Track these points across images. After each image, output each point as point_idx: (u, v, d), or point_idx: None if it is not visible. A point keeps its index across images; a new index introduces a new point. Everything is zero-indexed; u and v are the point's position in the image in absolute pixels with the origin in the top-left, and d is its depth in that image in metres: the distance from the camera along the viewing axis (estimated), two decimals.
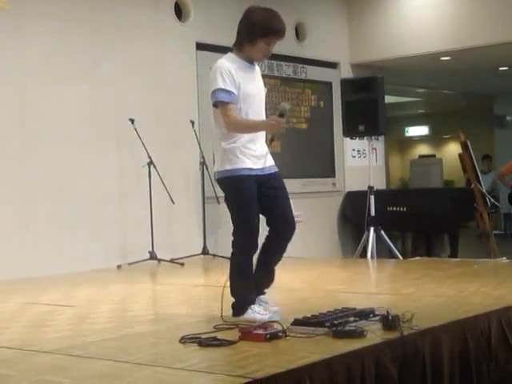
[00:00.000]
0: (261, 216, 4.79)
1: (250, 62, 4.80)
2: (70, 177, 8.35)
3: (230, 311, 4.77)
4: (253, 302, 4.70)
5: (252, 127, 4.73)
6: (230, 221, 4.83)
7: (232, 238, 4.78)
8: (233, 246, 4.80)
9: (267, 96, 4.95)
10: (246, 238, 4.72)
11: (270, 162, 4.84)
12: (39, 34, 8.24)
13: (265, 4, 4.92)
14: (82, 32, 8.58)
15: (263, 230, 4.80)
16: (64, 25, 8.43)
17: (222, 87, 4.62)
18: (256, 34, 4.68)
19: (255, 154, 4.74)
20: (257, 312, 4.61)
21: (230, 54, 4.80)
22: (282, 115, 4.60)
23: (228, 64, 4.70)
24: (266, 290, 4.87)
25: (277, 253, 4.88)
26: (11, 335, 4.65)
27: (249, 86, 4.72)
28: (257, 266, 4.84)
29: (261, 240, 4.80)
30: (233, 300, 4.79)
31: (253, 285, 4.77)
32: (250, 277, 4.76)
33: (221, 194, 8.31)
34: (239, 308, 4.72)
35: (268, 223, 4.83)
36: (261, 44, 4.70)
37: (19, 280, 7.40)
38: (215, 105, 4.69)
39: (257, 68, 4.89)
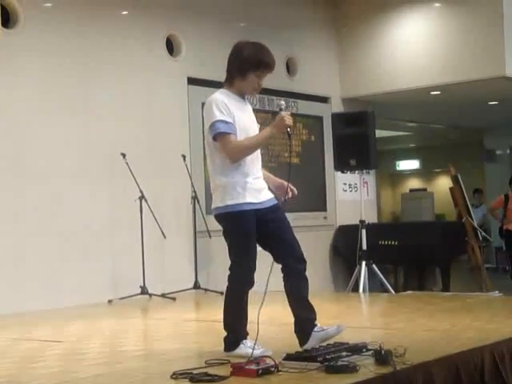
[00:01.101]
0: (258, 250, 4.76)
1: (242, 96, 4.82)
2: (61, 210, 8.33)
3: (222, 345, 4.74)
4: (245, 337, 4.68)
5: (259, 140, 4.72)
6: (224, 254, 4.80)
7: (228, 273, 4.74)
8: (229, 281, 4.75)
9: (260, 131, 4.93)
10: (243, 273, 4.69)
11: (269, 195, 4.82)
12: (31, 67, 8.26)
13: (255, 39, 4.94)
14: (73, 66, 8.60)
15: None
16: (56, 58, 8.45)
17: (221, 118, 4.60)
18: (247, 67, 4.70)
19: (255, 188, 4.72)
20: (249, 347, 4.58)
21: (222, 90, 4.80)
22: (281, 110, 4.74)
23: (222, 96, 4.71)
24: (317, 323, 4.72)
25: (301, 286, 4.78)
26: (1, 371, 4.60)
27: (243, 118, 4.73)
28: (293, 306, 4.75)
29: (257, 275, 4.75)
30: (225, 334, 4.76)
31: (246, 320, 4.74)
32: (243, 312, 4.73)
33: (212, 228, 8.36)
34: (231, 343, 4.69)
35: (275, 259, 4.76)
36: (252, 77, 4.72)
37: (9, 315, 7.34)
38: (215, 138, 4.64)
39: (248, 105, 4.90)
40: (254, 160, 4.78)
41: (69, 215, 8.39)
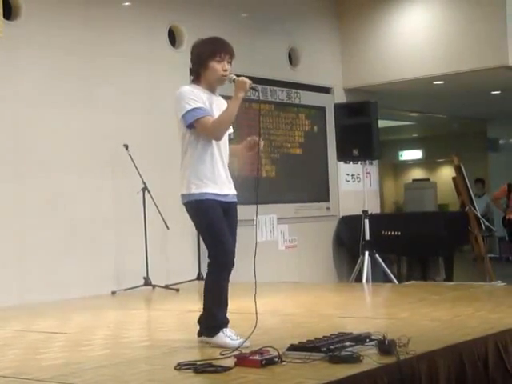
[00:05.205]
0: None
1: (212, 90, 4.91)
2: (64, 203, 8.34)
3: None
4: (225, 325, 4.73)
5: (231, 109, 4.77)
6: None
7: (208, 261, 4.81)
8: (209, 267, 4.81)
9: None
10: (223, 257, 4.75)
11: (233, 190, 4.92)
12: (32, 59, 8.25)
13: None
14: (75, 58, 8.59)
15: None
16: (58, 50, 8.44)
17: (192, 107, 4.73)
18: (205, 57, 4.85)
19: (221, 180, 4.81)
20: (228, 336, 4.63)
21: (190, 85, 4.94)
22: (234, 79, 4.78)
23: (190, 88, 4.87)
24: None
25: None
26: (5, 363, 4.62)
27: (213, 109, 4.83)
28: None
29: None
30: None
31: (226, 306, 4.81)
32: (224, 298, 4.79)
33: None
34: (211, 329, 4.75)
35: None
36: (213, 64, 4.84)
37: (13, 307, 7.36)
38: (191, 125, 4.74)
39: (221, 99, 4.98)
40: (222, 153, 4.86)
41: (72, 207, 8.40)
